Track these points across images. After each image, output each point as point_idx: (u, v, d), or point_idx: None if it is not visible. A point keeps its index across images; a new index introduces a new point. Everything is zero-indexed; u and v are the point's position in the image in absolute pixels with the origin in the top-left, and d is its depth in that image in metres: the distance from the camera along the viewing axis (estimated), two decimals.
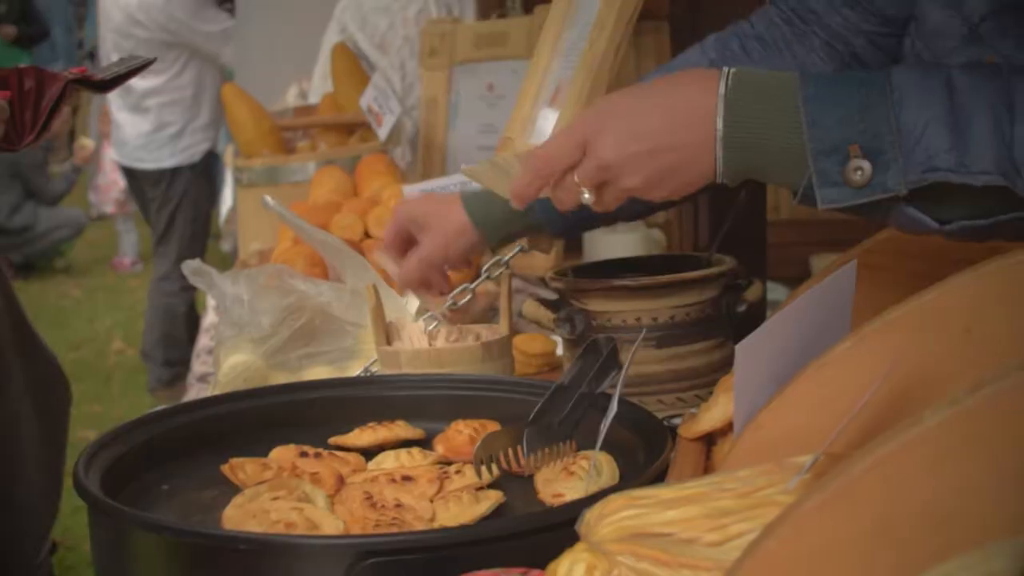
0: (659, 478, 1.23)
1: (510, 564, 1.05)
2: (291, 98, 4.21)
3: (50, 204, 8.92)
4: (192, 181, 5.86)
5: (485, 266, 1.75)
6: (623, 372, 1.29)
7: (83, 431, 4.64)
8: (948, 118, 1.11)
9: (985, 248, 1.10)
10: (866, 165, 1.12)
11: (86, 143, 9.11)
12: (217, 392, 1.69)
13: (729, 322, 1.59)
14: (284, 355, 1.81)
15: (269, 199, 1.91)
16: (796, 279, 1.74)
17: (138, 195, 6.13)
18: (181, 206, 5.90)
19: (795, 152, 1.15)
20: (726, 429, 1.28)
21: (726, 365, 1.53)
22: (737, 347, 1.03)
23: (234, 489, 1.34)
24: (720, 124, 1.19)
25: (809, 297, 1.07)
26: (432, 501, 1.31)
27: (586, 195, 1.26)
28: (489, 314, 2.11)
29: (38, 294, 8.49)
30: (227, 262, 5.40)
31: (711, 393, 1.35)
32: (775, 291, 2.49)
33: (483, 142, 2.94)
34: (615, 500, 0.98)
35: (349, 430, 1.52)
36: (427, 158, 3.12)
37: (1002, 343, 0.95)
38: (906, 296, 1.01)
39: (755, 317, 1.37)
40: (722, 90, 1.19)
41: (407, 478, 1.35)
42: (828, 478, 0.78)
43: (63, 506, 2.28)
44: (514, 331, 1.92)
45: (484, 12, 3.67)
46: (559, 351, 1.91)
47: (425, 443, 1.51)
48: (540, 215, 1.59)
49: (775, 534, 0.78)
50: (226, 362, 1.79)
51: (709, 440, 1.33)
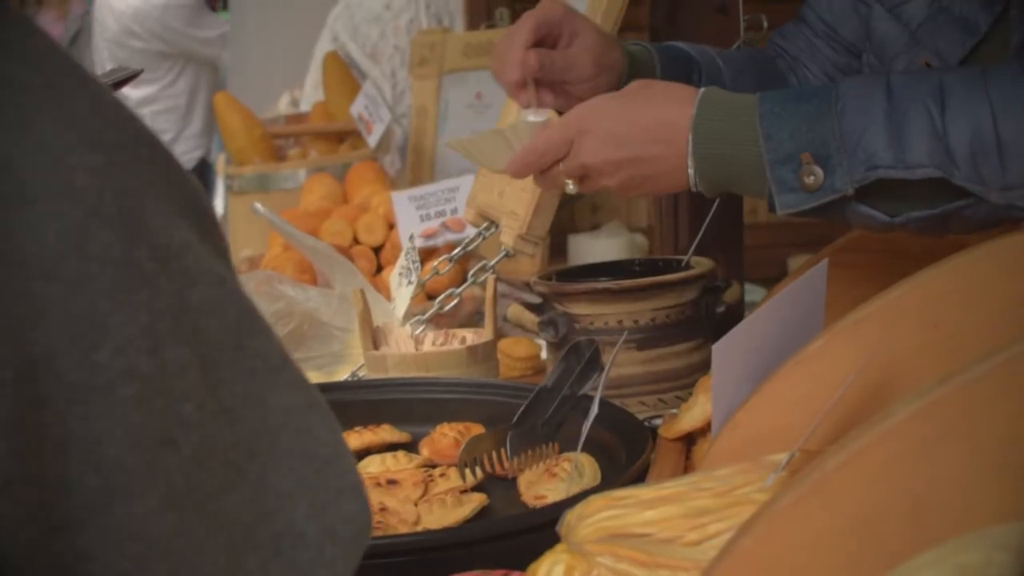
0: (640, 479, 1.24)
1: (492, 566, 1.06)
2: (283, 106, 4.21)
3: None
4: None
5: (471, 271, 1.76)
6: (604, 374, 1.30)
7: None
8: (885, 120, 1.20)
9: (951, 244, 1.12)
10: (818, 170, 1.22)
11: None
12: None
13: (708, 324, 1.60)
14: None
15: (259, 206, 1.91)
16: (774, 280, 1.74)
17: None
18: None
19: (757, 164, 1.25)
20: (705, 429, 1.29)
21: (706, 366, 1.54)
22: (714, 347, 1.04)
23: None
24: (691, 140, 1.29)
25: (783, 297, 1.08)
26: (416, 504, 1.31)
27: (570, 186, 1.38)
28: (476, 318, 2.11)
29: None
30: None
31: (691, 394, 1.36)
32: (753, 292, 2.50)
33: None
34: (595, 501, 0.99)
35: None
36: (416, 165, 3.14)
37: (970, 336, 0.96)
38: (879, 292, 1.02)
39: (734, 318, 1.38)
40: (694, 110, 1.29)
41: (392, 482, 1.36)
42: (802, 475, 0.78)
43: None
44: (500, 335, 1.93)
45: (473, 22, 3.68)
46: (543, 355, 1.91)
47: (411, 446, 1.52)
48: None
49: (751, 532, 0.79)
50: None
51: (689, 440, 1.34)
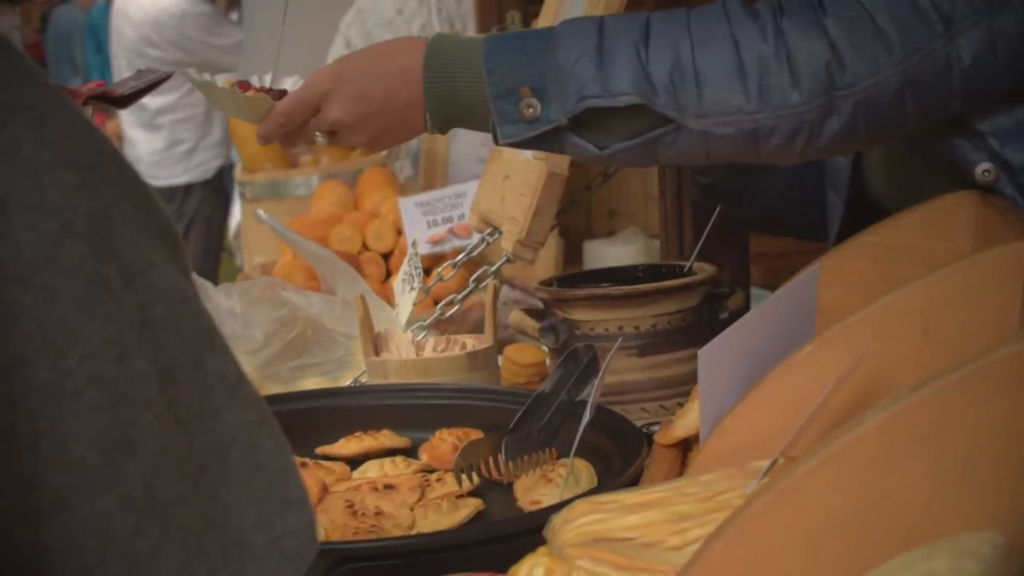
0: (633, 484, 1.23)
1: (481, 569, 1.06)
2: None
3: None
4: (205, 197, 5.88)
5: (473, 276, 1.76)
6: (598, 380, 1.30)
7: None
8: (594, 53, 1.28)
9: (948, 252, 1.12)
10: (535, 103, 1.30)
11: None
12: None
13: (711, 330, 1.58)
14: (277, 367, 1.82)
15: (262, 212, 1.93)
16: None
17: None
18: (195, 222, 5.92)
19: (482, 100, 1.32)
20: None
21: None
22: (699, 353, 1.04)
23: None
24: (423, 82, 1.36)
25: (771, 303, 1.08)
26: (412, 509, 1.32)
27: (319, 139, 1.45)
28: (483, 324, 2.11)
29: None
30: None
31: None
32: (761, 299, 2.50)
33: (484, 154, 2.95)
34: (580, 505, 1.00)
35: (337, 440, 1.53)
36: (429, 171, 3.14)
37: (959, 344, 0.96)
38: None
39: None
40: (424, 53, 1.36)
41: (389, 486, 1.36)
42: (774, 480, 0.79)
43: None
44: (507, 341, 1.93)
45: (484, 26, 3.69)
46: (548, 361, 1.92)
47: (411, 451, 1.52)
48: None
49: (722, 536, 0.79)
50: None
51: (685, 446, 1.34)
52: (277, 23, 4.83)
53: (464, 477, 1.34)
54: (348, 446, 1.51)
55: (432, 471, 1.44)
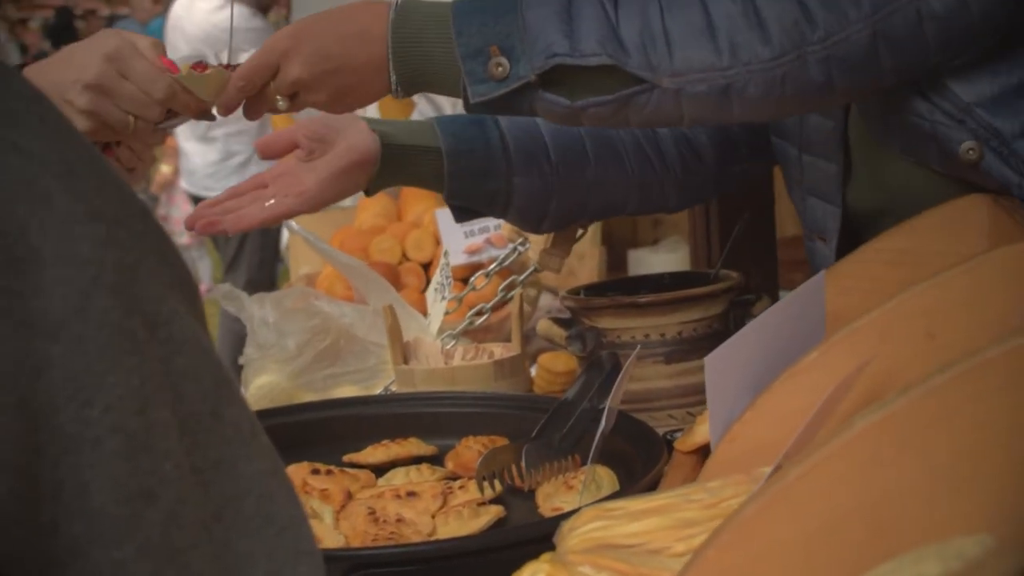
0: (651, 490, 1.23)
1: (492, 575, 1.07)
2: None
3: None
4: None
5: (501, 286, 1.77)
6: (615, 387, 1.30)
7: None
8: (563, 13, 1.30)
9: (962, 256, 1.11)
10: (504, 61, 1.30)
11: (165, 170, 9.21)
12: None
13: None
14: (310, 375, 1.84)
15: (294, 224, 1.94)
16: None
17: None
18: (250, 234, 5.94)
19: (451, 61, 1.33)
20: None
21: None
22: (705, 360, 1.04)
23: None
24: (390, 44, 1.36)
25: (777, 309, 1.08)
26: (434, 516, 1.33)
27: (280, 103, 1.41)
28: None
29: None
30: None
31: None
32: None
33: None
34: (587, 512, 1.00)
35: (364, 447, 1.54)
36: None
37: (964, 346, 0.95)
38: None
39: None
40: (391, 16, 1.36)
41: (411, 494, 1.37)
42: (766, 485, 0.79)
43: None
44: (544, 349, 1.93)
45: None
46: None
47: (437, 459, 1.53)
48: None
49: (715, 542, 0.79)
50: (253, 383, 1.82)
51: (705, 453, 1.34)
52: None
53: (486, 484, 1.35)
54: (374, 454, 1.52)
55: (457, 479, 1.45)
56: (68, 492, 0.58)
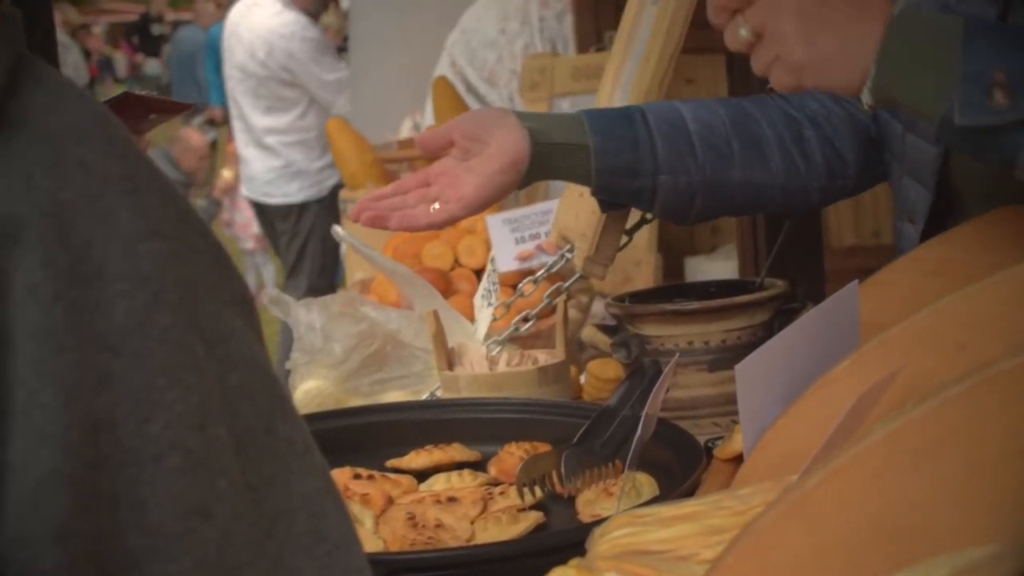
0: (689, 497, 1.24)
1: None
2: (405, 131, 4.27)
3: None
4: (320, 214, 5.92)
5: (547, 292, 1.78)
6: (653, 394, 1.31)
7: None
8: None
9: (999, 267, 1.10)
10: (1006, 93, 1.16)
11: (227, 175, 9.28)
12: None
13: None
14: (356, 381, 1.85)
15: (339, 229, 1.96)
16: None
17: (268, 229, 6.25)
18: (310, 239, 5.99)
19: (945, 72, 1.19)
20: None
21: None
22: (736, 368, 1.05)
23: None
24: (887, 32, 1.21)
25: (809, 318, 1.08)
26: (473, 522, 1.33)
27: (743, 31, 1.26)
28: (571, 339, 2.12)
29: None
30: None
31: None
32: None
33: None
34: (619, 518, 1.00)
35: (408, 452, 1.55)
36: (530, 188, 3.16)
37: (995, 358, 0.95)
38: None
39: None
40: (896, 9, 1.22)
41: (451, 499, 1.38)
42: (783, 494, 0.79)
43: None
44: (593, 356, 1.94)
45: (583, 46, 3.72)
46: None
47: (480, 465, 1.54)
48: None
49: (734, 550, 0.80)
50: (299, 388, 1.84)
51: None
52: (384, 46, 4.87)
53: (527, 490, 1.35)
54: (417, 459, 1.53)
55: (498, 484, 1.46)
56: (126, 506, 0.58)
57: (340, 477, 1.45)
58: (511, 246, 2.27)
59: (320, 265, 6.05)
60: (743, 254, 1.94)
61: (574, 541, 1.04)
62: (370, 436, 1.59)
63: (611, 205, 1.63)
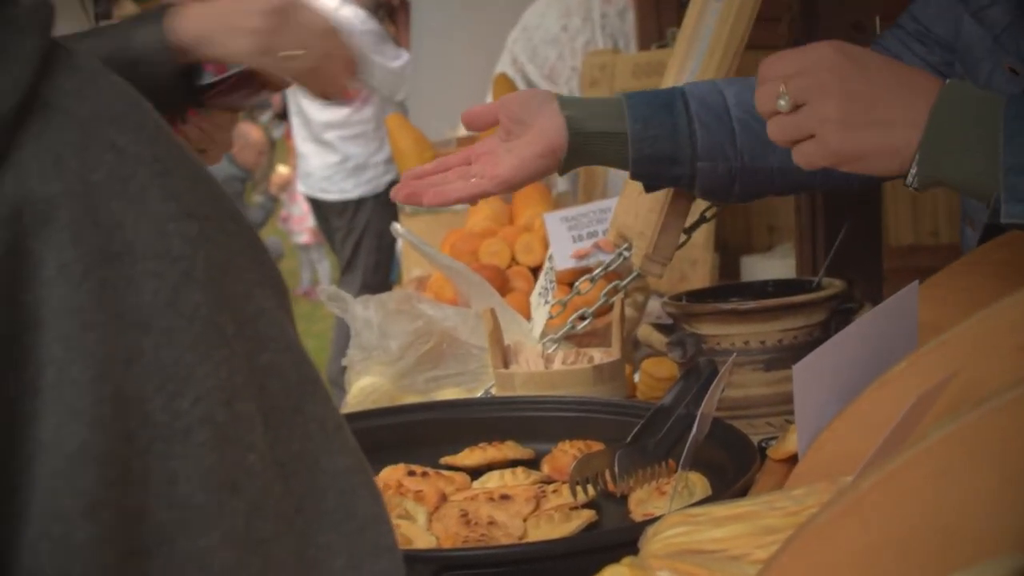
0: (741, 497, 1.23)
1: None
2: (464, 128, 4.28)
3: None
4: (375, 211, 5.95)
5: (604, 290, 1.78)
6: (709, 394, 1.30)
7: None
8: None
9: None
10: None
11: (283, 171, 9.34)
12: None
13: None
14: (412, 378, 1.86)
15: (398, 226, 1.97)
16: None
17: (323, 224, 6.28)
18: (365, 235, 6.01)
19: (989, 164, 1.14)
20: None
21: None
22: (794, 369, 1.04)
23: None
24: (928, 122, 1.17)
25: (868, 319, 1.07)
26: (526, 520, 1.34)
27: (782, 101, 1.21)
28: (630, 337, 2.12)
29: None
30: None
31: None
32: None
33: None
34: (672, 517, 1.00)
35: (462, 450, 1.56)
36: (588, 184, 3.16)
37: None
38: None
39: None
40: (937, 97, 1.18)
41: (504, 497, 1.38)
42: (839, 495, 0.78)
43: None
44: (648, 354, 1.93)
45: (645, 43, 3.71)
46: None
47: (534, 463, 1.54)
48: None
49: (789, 549, 0.79)
50: (355, 384, 1.84)
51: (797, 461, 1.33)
52: (445, 42, 4.90)
53: (579, 489, 1.35)
54: (471, 456, 1.54)
55: (552, 483, 1.46)
56: (156, 480, 0.59)
57: (394, 474, 1.46)
58: (569, 244, 2.27)
59: (375, 261, 6.07)
60: (800, 253, 1.93)
61: (626, 540, 1.04)
62: (425, 433, 1.60)
63: (652, 188, 1.63)
